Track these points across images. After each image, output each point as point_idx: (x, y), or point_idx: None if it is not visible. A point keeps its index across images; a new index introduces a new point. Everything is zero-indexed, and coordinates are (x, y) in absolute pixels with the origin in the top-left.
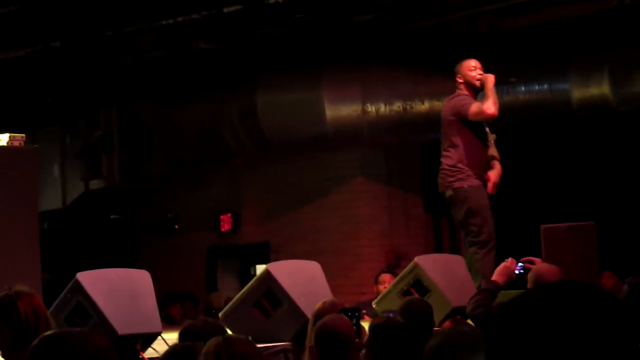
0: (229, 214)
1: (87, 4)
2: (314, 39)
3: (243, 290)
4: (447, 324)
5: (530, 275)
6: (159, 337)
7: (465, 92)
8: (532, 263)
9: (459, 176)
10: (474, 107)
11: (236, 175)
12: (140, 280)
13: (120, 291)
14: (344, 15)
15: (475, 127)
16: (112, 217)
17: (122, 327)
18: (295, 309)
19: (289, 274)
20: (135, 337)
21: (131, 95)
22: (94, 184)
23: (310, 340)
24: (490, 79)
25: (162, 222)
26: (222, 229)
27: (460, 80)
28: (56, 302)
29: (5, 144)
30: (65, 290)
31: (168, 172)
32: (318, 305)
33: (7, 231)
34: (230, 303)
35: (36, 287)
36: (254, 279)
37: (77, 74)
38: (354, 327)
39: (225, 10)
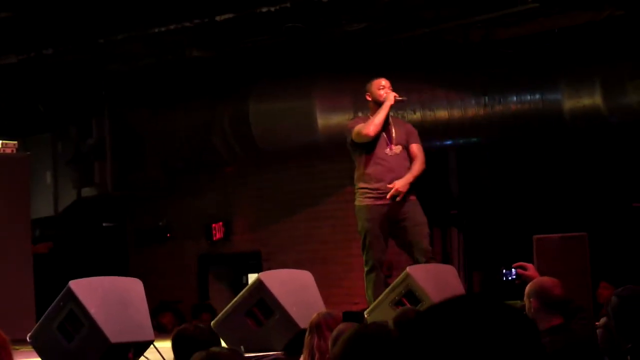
0: (221, 223)
1: (79, 11)
2: (306, 48)
3: (235, 299)
4: None
5: (531, 288)
6: (152, 346)
7: (373, 111)
8: (525, 269)
9: (357, 195)
10: (356, 128)
11: (228, 183)
12: (133, 288)
13: (112, 299)
14: (335, 25)
15: (371, 145)
16: (104, 224)
17: (115, 335)
18: (287, 318)
19: (281, 283)
20: (128, 346)
21: (123, 102)
22: (86, 192)
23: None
24: (388, 98)
25: (154, 230)
26: (214, 238)
27: (369, 99)
28: (49, 309)
29: None
30: (57, 298)
31: (160, 180)
32: (314, 317)
33: (0, 237)
34: (223, 311)
35: (28, 294)
36: (246, 288)
37: (69, 81)
38: None
39: (218, 18)
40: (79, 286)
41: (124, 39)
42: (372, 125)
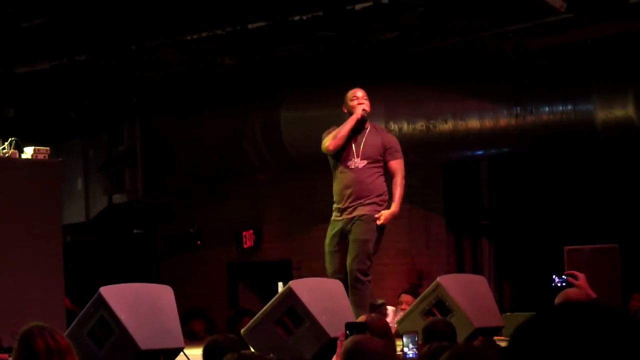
0: (251, 230)
1: (112, 18)
2: (338, 56)
3: (265, 307)
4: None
5: (558, 300)
6: (181, 353)
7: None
8: (576, 278)
9: None
10: (323, 141)
11: (258, 191)
12: (163, 295)
13: (142, 306)
14: (367, 33)
15: (337, 160)
16: (134, 231)
17: (145, 342)
18: (317, 327)
19: (311, 291)
20: (158, 352)
21: (155, 109)
22: (117, 198)
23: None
24: (355, 111)
25: (184, 237)
26: (244, 245)
27: (345, 110)
28: (79, 316)
29: (30, 157)
30: (88, 305)
31: (191, 187)
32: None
33: (31, 244)
34: (253, 320)
35: (59, 300)
36: (276, 296)
37: (101, 88)
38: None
39: (250, 26)
40: (109, 292)
41: (156, 46)
42: (332, 139)
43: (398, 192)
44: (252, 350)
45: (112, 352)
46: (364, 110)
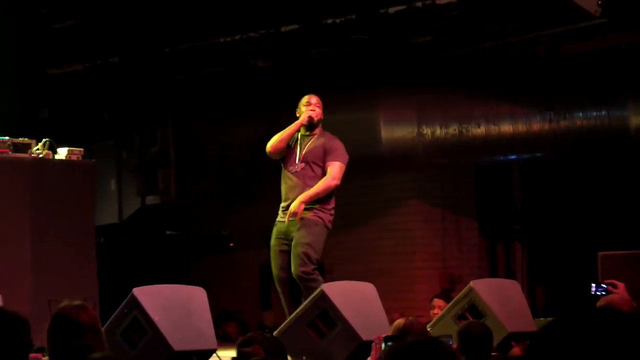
0: None
1: (145, 20)
2: (371, 60)
3: (298, 310)
4: (516, 350)
5: (600, 305)
6: (214, 354)
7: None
8: (615, 287)
9: None
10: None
11: None
12: (196, 296)
13: (176, 307)
14: (400, 37)
15: (282, 162)
16: (167, 232)
17: (178, 343)
18: (349, 330)
19: (343, 294)
20: (190, 354)
21: (187, 111)
22: (150, 200)
23: None
24: (302, 117)
25: (216, 238)
26: None
27: (297, 114)
28: (112, 317)
29: (63, 158)
30: (121, 305)
31: (223, 189)
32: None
33: (65, 244)
34: (285, 322)
35: (93, 300)
36: (308, 299)
37: (134, 89)
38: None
39: (283, 29)
40: (142, 294)
41: (189, 48)
42: (273, 142)
43: (316, 186)
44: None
45: (145, 353)
46: (309, 117)
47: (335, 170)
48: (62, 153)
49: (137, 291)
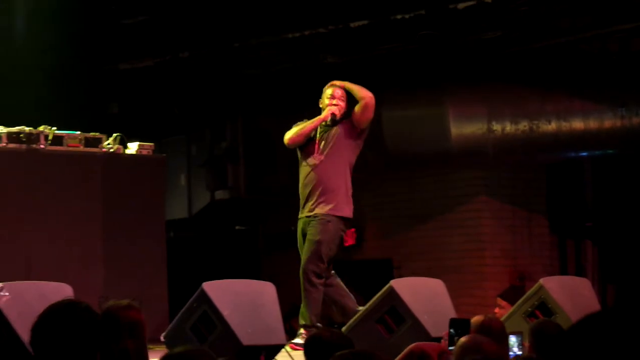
0: (353, 229)
1: (215, 15)
2: (440, 56)
3: (366, 306)
4: None
5: None
6: (283, 349)
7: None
8: None
9: None
10: (286, 133)
11: (359, 189)
12: (265, 291)
13: (245, 302)
14: (470, 33)
15: (302, 153)
16: (236, 227)
17: (247, 337)
18: (418, 327)
19: (412, 291)
20: (259, 349)
21: (257, 106)
22: (220, 195)
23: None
24: (324, 112)
25: (285, 234)
26: (346, 244)
27: (320, 105)
28: (182, 311)
29: (134, 152)
30: (191, 300)
31: (291, 185)
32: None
33: (135, 239)
34: (354, 318)
35: (162, 295)
36: (377, 295)
37: (204, 85)
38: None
39: (352, 24)
40: (212, 288)
41: (259, 43)
42: (293, 134)
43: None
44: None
45: (215, 348)
46: (333, 114)
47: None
48: (132, 148)
49: (207, 286)
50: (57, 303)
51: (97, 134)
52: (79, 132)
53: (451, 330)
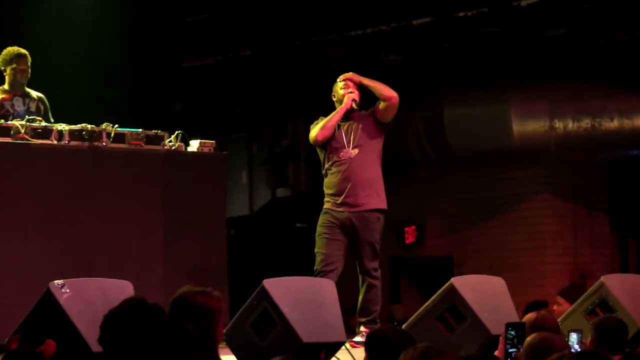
0: (414, 226)
1: (276, 13)
2: (503, 53)
3: (427, 304)
4: None
5: None
6: (343, 347)
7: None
8: None
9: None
10: (311, 132)
11: (420, 187)
12: (325, 289)
13: (305, 299)
14: (532, 30)
15: (329, 147)
16: (297, 225)
17: (307, 335)
18: (479, 325)
19: (473, 288)
20: (320, 346)
21: (318, 104)
22: (281, 192)
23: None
24: (345, 101)
25: None
26: (406, 241)
27: (334, 99)
28: (242, 308)
29: (195, 150)
30: (251, 297)
31: None
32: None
33: (196, 236)
34: (414, 315)
35: (223, 292)
36: (437, 293)
37: (265, 83)
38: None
39: (414, 22)
40: (272, 285)
41: (320, 41)
42: (320, 129)
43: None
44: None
45: (275, 344)
46: (353, 100)
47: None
48: (194, 145)
49: (267, 283)
50: (129, 300)
51: (159, 131)
52: (140, 130)
53: (512, 332)
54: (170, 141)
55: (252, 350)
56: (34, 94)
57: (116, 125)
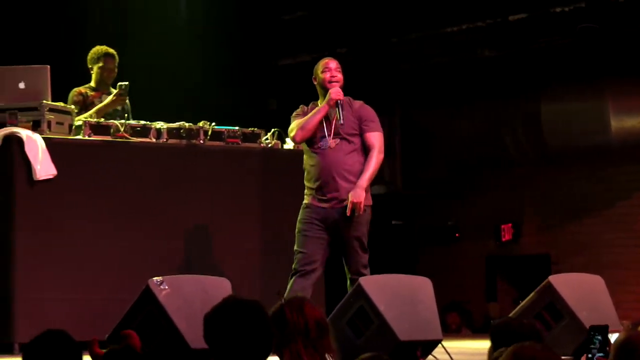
0: (510, 224)
1: (373, 10)
2: (600, 49)
3: (524, 302)
4: None
5: None
6: (439, 345)
7: (322, 96)
8: None
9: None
10: (290, 127)
11: (518, 183)
12: (422, 287)
13: (401, 297)
14: (630, 25)
15: (308, 142)
16: (393, 222)
17: (403, 333)
18: (576, 323)
19: (571, 287)
20: (416, 344)
21: (414, 101)
22: (376, 189)
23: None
24: (330, 93)
25: (442, 229)
26: (503, 239)
27: (315, 82)
28: (338, 305)
29: (292, 147)
30: (347, 295)
31: (449, 179)
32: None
33: (292, 232)
34: (512, 314)
35: (319, 290)
36: (535, 291)
37: (361, 80)
38: None
39: (510, 18)
40: (369, 283)
41: (416, 38)
42: (299, 129)
43: (370, 166)
44: None
45: (371, 342)
46: (337, 100)
47: (379, 142)
48: (290, 143)
49: (364, 280)
50: (230, 299)
51: (255, 129)
52: (237, 128)
53: (598, 337)
54: (267, 139)
55: (348, 348)
56: None
57: (213, 123)
